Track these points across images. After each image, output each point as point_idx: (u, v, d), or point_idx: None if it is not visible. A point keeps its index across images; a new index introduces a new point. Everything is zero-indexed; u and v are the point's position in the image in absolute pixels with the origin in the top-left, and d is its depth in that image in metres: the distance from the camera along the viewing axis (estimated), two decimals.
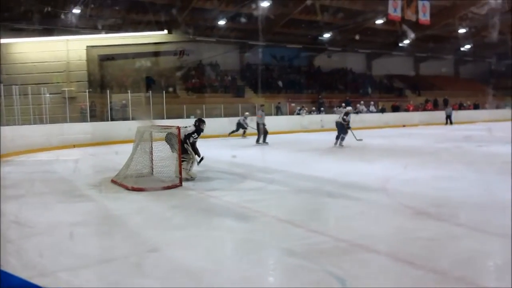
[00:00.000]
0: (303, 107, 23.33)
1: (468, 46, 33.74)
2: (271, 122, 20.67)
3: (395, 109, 27.61)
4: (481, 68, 41.17)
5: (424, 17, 22.75)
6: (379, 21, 25.26)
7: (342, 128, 13.31)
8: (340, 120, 13.30)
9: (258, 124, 15.13)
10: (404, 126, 24.03)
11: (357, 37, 26.96)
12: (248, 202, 6.10)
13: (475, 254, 3.91)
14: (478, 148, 12.58)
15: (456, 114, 27.20)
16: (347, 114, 13.33)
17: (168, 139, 7.65)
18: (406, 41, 30.35)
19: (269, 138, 15.31)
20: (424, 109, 29.29)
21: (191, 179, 7.64)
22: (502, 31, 31.64)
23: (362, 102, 25.70)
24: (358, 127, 22.38)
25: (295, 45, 28.75)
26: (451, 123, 25.90)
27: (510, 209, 5.32)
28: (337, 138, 13.46)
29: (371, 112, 25.64)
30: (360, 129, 22.00)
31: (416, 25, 24.33)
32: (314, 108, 24.31)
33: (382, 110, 26.17)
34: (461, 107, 30.93)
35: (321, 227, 4.82)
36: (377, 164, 9.70)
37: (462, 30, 28.56)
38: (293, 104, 24.13)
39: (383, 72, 34.04)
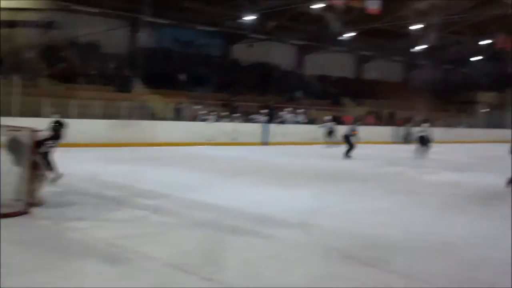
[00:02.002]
0: (211, 111, 23.44)
1: (422, 47, 35.94)
2: (166, 129, 20.63)
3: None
4: (435, 75, 44.18)
5: (373, 5, 23.61)
6: (316, 6, 25.83)
7: (424, 141, 19.50)
8: (426, 134, 19.72)
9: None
10: (338, 143, 24.96)
11: (287, 23, 27.87)
12: (123, 238, 5.99)
13: None
14: (423, 176, 13.50)
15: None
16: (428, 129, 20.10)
17: (11, 146, 7.29)
18: (349, 34, 31.61)
19: (161, 150, 15.16)
20: (365, 123, 30.66)
21: (38, 204, 7.31)
22: (461, 31, 34.35)
23: (288, 109, 26.38)
24: (280, 141, 23.01)
25: (206, 27, 28.93)
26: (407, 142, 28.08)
27: (453, 251, 5.76)
28: (418, 149, 19.55)
29: (299, 122, 26.36)
30: (283, 145, 22.65)
31: (362, 15, 25.54)
32: (225, 114, 24.53)
33: (312, 122, 27.03)
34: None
35: (220, 274, 4.87)
36: (299, 191, 10.00)
37: (416, 27, 30.19)
38: (198, 107, 24.14)
39: (318, 71, 35.26)
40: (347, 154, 18.26)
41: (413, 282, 4.88)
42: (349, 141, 18.58)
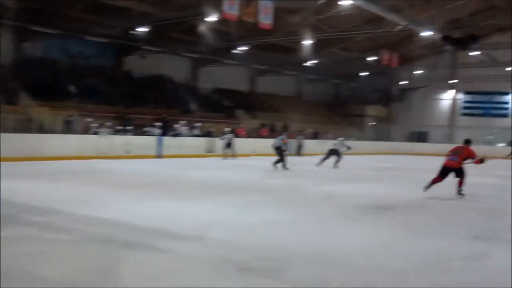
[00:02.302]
0: (103, 124, 22.93)
1: (313, 62, 37.28)
2: (55, 143, 19.94)
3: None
4: (326, 89, 45.99)
5: (265, 21, 24.02)
6: (210, 19, 25.99)
7: (336, 153, 20.62)
8: (337, 148, 20.76)
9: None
10: (235, 155, 25.29)
11: (181, 36, 27.76)
12: (10, 257, 5.70)
13: None
14: (316, 187, 13.99)
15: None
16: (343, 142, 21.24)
17: None
18: (242, 48, 32.21)
19: (50, 164, 14.65)
20: (259, 136, 31.29)
21: None
22: (349, 48, 36.07)
23: (183, 122, 26.37)
24: (176, 154, 23.00)
25: (98, 38, 28.34)
26: (299, 154, 29.51)
27: (348, 260, 6.02)
28: (322, 160, 20.70)
29: (194, 135, 26.45)
30: (179, 157, 22.65)
31: (255, 30, 26.08)
32: (118, 126, 24.09)
33: (208, 134, 27.21)
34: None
35: None
36: (194, 204, 10.03)
37: (307, 42, 31.25)
38: (89, 119, 23.54)
39: (212, 84, 35.57)
40: (285, 166, 18.82)
41: None
42: (282, 153, 19.06)
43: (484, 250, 6.73)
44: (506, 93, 41.69)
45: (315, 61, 36.95)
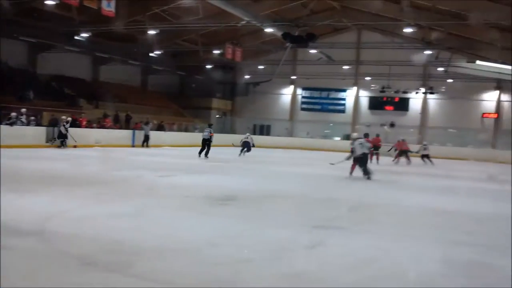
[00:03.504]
0: None
1: (158, 53, 36.93)
2: None
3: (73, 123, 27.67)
4: (172, 80, 45.90)
5: (108, 8, 23.44)
6: (50, 2, 24.79)
7: (248, 145, 25.01)
8: (249, 140, 25.08)
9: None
10: (75, 146, 24.40)
11: (17, 18, 26.01)
12: None
13: None
14: (160, 179, 13.93)
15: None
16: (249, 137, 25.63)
17: None
18: (84, 35, 31.05)
19: None
20: (102, 126, 30.44)
21: None
22: (194, 40, 36.24)
23: (23, 109, 24.75)
24: (11, 144, 21.62)
25: None
26: (147, 145, 29.64)
27: (195, 251, 6.03)
28: (241, 152, 24.91)
29: (31, 124, 25.06)
30: (13, 148, 21.33)
31: (98, 16, 25.22)
32: None
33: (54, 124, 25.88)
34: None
35: None
36: (33, 196, 9.51)
37: (152, 32, 30.96)
38: None
39: (52, 71, 33.86)
40: (206, 155, 21.53)
41: (155, 284, 4.96)
42: (209, 144, 21.69)
43: (322, 238, 7.11)
44: (343, 90, 44.50)
45: (160, 52, 36.61)
